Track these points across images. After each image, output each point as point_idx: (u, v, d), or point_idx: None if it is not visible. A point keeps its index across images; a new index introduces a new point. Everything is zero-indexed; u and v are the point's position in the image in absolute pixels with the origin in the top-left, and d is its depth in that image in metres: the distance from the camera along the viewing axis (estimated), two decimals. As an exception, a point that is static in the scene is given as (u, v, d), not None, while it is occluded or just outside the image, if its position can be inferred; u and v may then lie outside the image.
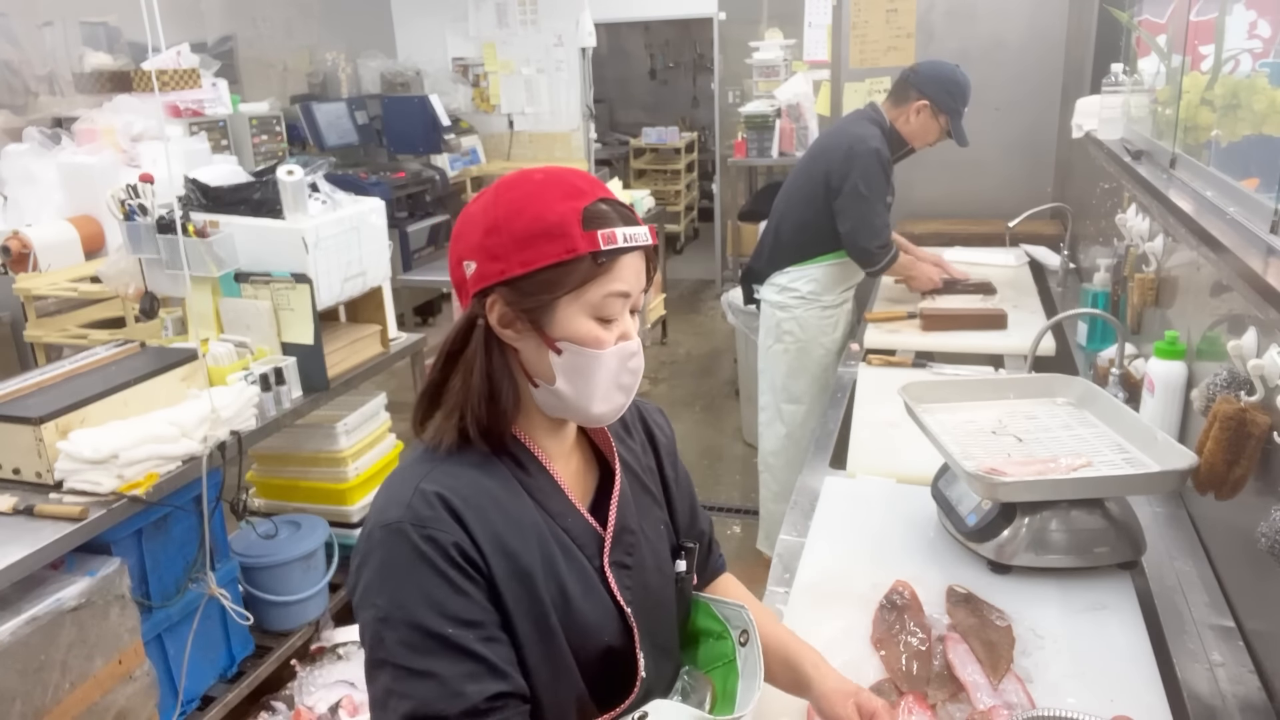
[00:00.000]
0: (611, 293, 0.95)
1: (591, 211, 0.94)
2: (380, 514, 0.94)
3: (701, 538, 1.23)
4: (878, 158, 2.80)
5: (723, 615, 1.16)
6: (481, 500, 0.95)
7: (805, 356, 3.04)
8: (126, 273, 2.64)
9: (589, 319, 0.95)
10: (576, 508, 1.03)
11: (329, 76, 6.22)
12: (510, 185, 0.97)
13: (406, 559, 0.90)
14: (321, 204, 2.69)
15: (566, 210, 0.93)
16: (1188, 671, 1.28)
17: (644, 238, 0.97)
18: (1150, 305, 2.14)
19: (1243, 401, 1.28)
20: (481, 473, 0.97)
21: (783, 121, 6.00)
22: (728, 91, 6.97)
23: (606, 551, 1.03)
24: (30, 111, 4.17)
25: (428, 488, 0.94)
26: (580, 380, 0.97)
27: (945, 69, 2.85)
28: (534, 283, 0.93)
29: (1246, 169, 1.69)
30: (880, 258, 2.87)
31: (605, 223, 0.93)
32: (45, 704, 1.82)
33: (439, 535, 0.90)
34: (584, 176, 0.98)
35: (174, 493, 2.16)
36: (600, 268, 0.93)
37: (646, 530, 1.10)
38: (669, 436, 1.22)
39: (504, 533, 0.94)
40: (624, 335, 0.98)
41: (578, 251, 0.92)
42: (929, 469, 1.73)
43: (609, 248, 0.93)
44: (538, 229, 0.92)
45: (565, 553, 0.99)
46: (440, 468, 0.97)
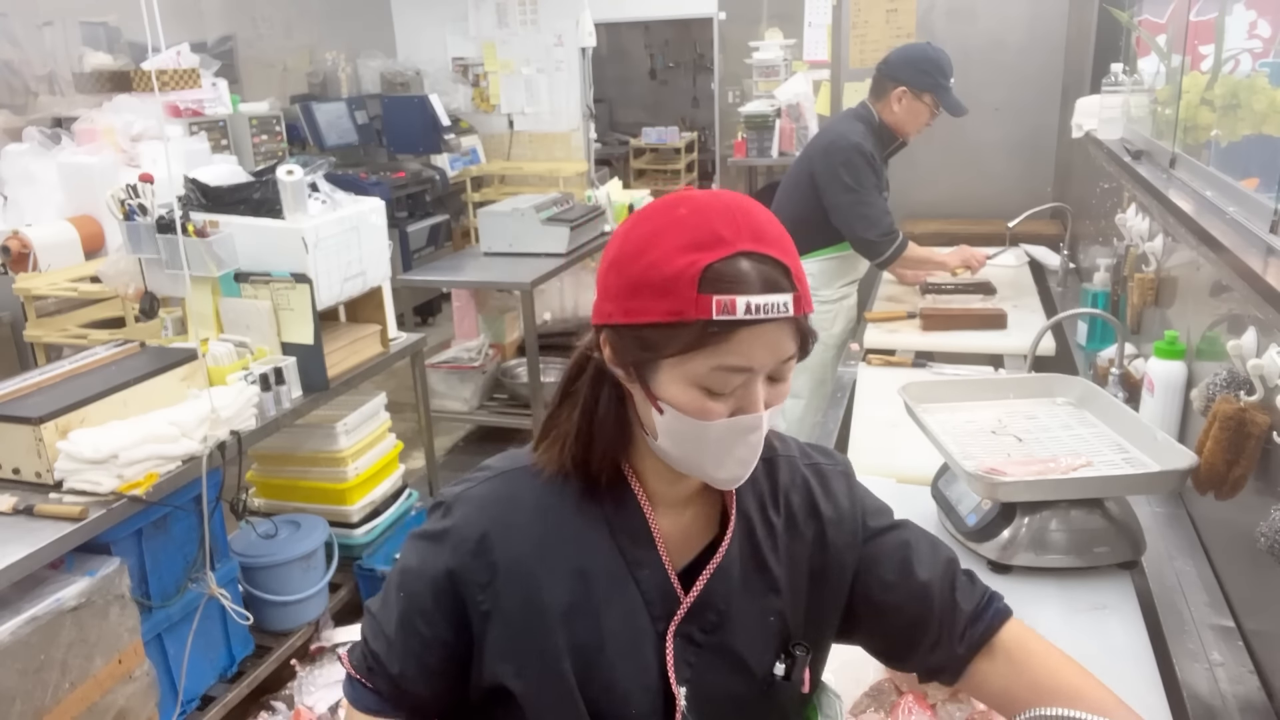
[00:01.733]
0: (723, 366, 0.81)
1: (716, 271, 0.79)
2: (456, 483, 0.97)
3: (927, 591, 0.98)
4: (859, 150, 2.81)
5: (816, 701, 1.02)
6: (532, 524, 0.91)
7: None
8: (126, 273, 2.64)
9: (694, 388, 0.83)
10: (662, 562, 0.92)
11: (329, 76, 6.22)
12: (648, 215, 0.86)
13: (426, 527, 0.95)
14: (321, 204, 2.69)
15: (686, 265, 0.79)
16: (1188, 671, 1.28)
17: (779, 309, 0.80)
18: (1150, 305, 2.14)
19: (1242, 401, 1.28)
20: (564, 495, 0.92)
21: (782, 121, 6.00)
22: (728, 91, 6.97)
23: (677, 618, 0.92)
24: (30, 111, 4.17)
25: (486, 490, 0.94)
26: (685, 444, 0.87)
27: (913, 49, 2.85)
28: (636, 337, 0.83)
29: (1246, 169, 1.69)
30: (884, 246, 2.86)
31: (729, 287, 0.78)
32: (45, 704, 1.82)
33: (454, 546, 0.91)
34: (736, 218, 0.82)
35: (174, 493, 2.16)
36: (712, 336, 0.79)
37: (745, 615, 0.94)
38: (842, 512, 1.00)
39: (538, 564, 0.90)
40: (742, 408, 0.84)
41: (683, 316, 0.79)
42: (929, 469, 1.73)
43: (723, 318, 0.78)
44: (649, 280, 0.81)
45: (624, 604, 0.91)
46: (521, 474, 0.95)
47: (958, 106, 2.82)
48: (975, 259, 3.10)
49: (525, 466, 0.95)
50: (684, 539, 0.95)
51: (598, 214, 5.07)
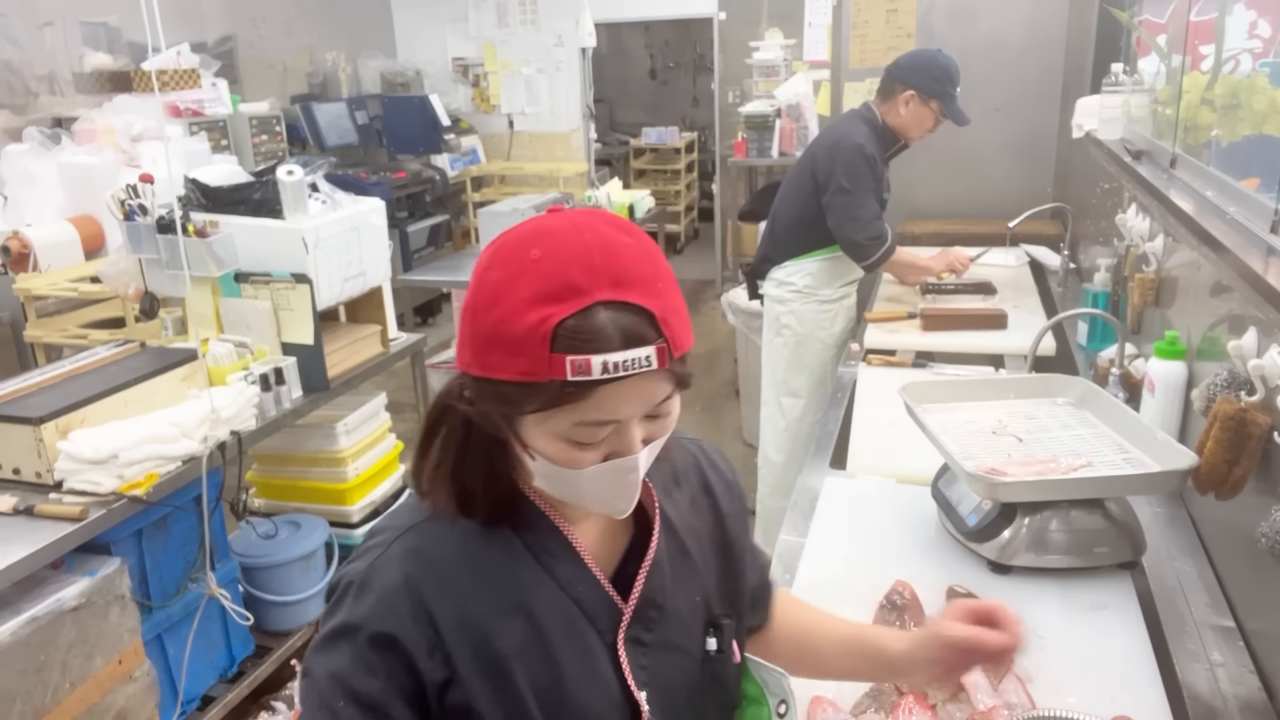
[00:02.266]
0: (586, 422, 0.78)
1: (568, 329, 0.73)
2: (351, 560, 0.88)
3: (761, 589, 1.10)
4: (860, 152, 2.82)
5: (761, 679, 1.05)
6: (460, 573, 0.85)
7: (803, 350, 3.06)
8: (126, 273, 2.64)
9: (561, 440, 0.79)
10: (593, 574, 0.90)
11: (329, 76, 6.23)
12: (503, 258, 0.79)
13: (344, 619, 0.83)
14: (321, 204, 2.69)
15: (536, 321, 0.74)
16: (1188, 671, 1.28)
17: (641, 364, 0.75)
18: (1150, 305, 2.14)
19: (1243, 401, 1.28)
20: (473, 534, 0.87)
21: (783, 121, 6.00)
22: (728, 91, 6.97)
23: (624, 626, 0.90)
24: (30, 111, 4.17)
25: (397, 548, 0.86)
26: (562, 487, 0.85)
27: (925, 55, 2.87)
28: (493, 391, 0.78)
29: (1247, 169, 1.69)
30: (871, 250, 2.87)
31: (583, 345, 0.73)
32: (45, 704, 1.82)
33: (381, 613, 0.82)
34: (594, 260, 0.76)
35: (174, 493, 2.16)
36: (570, 395, 0.75)
37: (678, 603, 0.95)
38: (729, 483, 1.05)
39: (481, 613, 0.84)
40: (616, 452, 0.81)
41: (536, 377, 0.74)
42: (929, 469, 1.73)
43: (579, 379, 0.74)
44: (500, 336, 0.76)
45: (569, 627, 0.87)
46: (425, 523, 0.88)
47: (962, 116, 2.85)
48: (960, 261, 3.10)
49: (424, 519, 0.88)
50: (606, 545, 0.93)
51: (598, 214, 5.07)
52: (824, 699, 1.23)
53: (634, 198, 5.55)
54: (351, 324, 2.98)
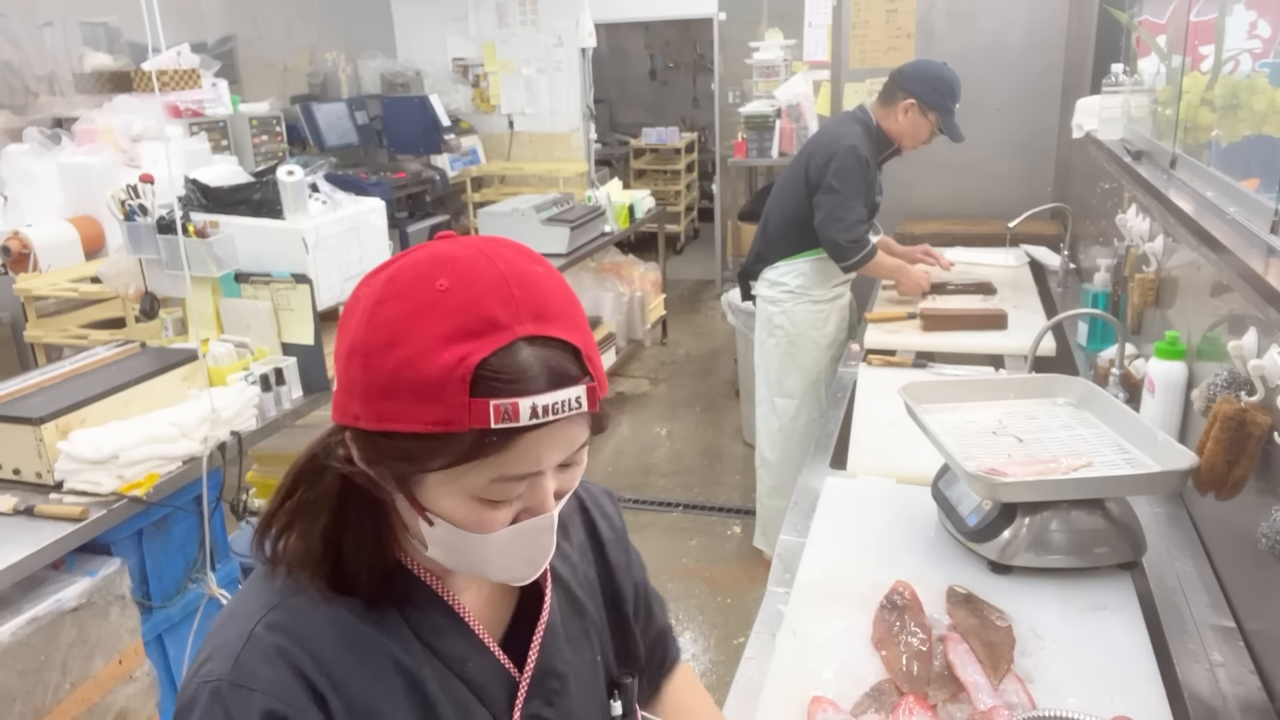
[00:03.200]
0: (504, 477, 0.68)
1: (490, 368, 0.64)
2: (200, 664, 0.72)
3: (662, 634, 1.03)
4: (854, 155, 2.83)
5: None
6: (338, 654, 0.73)
7: (797, 351, 3.07)
8: (126, 273, 2.64)
9: (471, 500, 0.69)
10: (484, 646, 0.79)
11: (329, 77, 6.22)
12: (400, 289, 0.68)
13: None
14: (321, 204, 2.69)
15: (453, 362, 0.64)
16: (1188, 672, 1.28)
17: (571, 405, 0.67)
18: (1150, 305, 2.14)
19: (1243, 402, 1.28)
20: (346, 611, 0.75)
21: (783, 121, 6.00)
22: (728, 91, 6.98)
23: (519, 703, 0.80)
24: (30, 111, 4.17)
25: (264, 634, 0.71)
26: (462, 556, 0.74)
27: (930, 66, 2.88)
28: (392, 447, 0.68)
29: (1247, 169, 1.69)
30: (851, 252, 2.88)
31: (508, 388, 0.64)
32: (45, 704, 1.82)
33: (270, 706, 0.68)
34: (511, 290, 0.67)
35: (174, 493, 2.16)
36: (490, 446, 0.65)
37: (578, 667, 0.86)
38: (617, 530, 0.97)
39: (368, 696, 0.73)
40: (530, 509, 0.72)
41: (453, 426, 0.64)
42: (929, 469, 1.73)
43: (503, 426, 0.65)
44: (405, 380, 0.65)
45: (459, 710, 0.77)
46: (288, 603, 0.74)
47: (957, 132, 2.87)
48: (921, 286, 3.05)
49: (287, 597, 0.75)
50: (492, 608, 0.83)
51: (598, 214, 5.08)
52: (824, 699, 1.23)
53: (634, 198, 5.55)
54: (352, 324, 2.98)
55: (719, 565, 3.46)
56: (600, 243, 5.12)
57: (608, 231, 5.20)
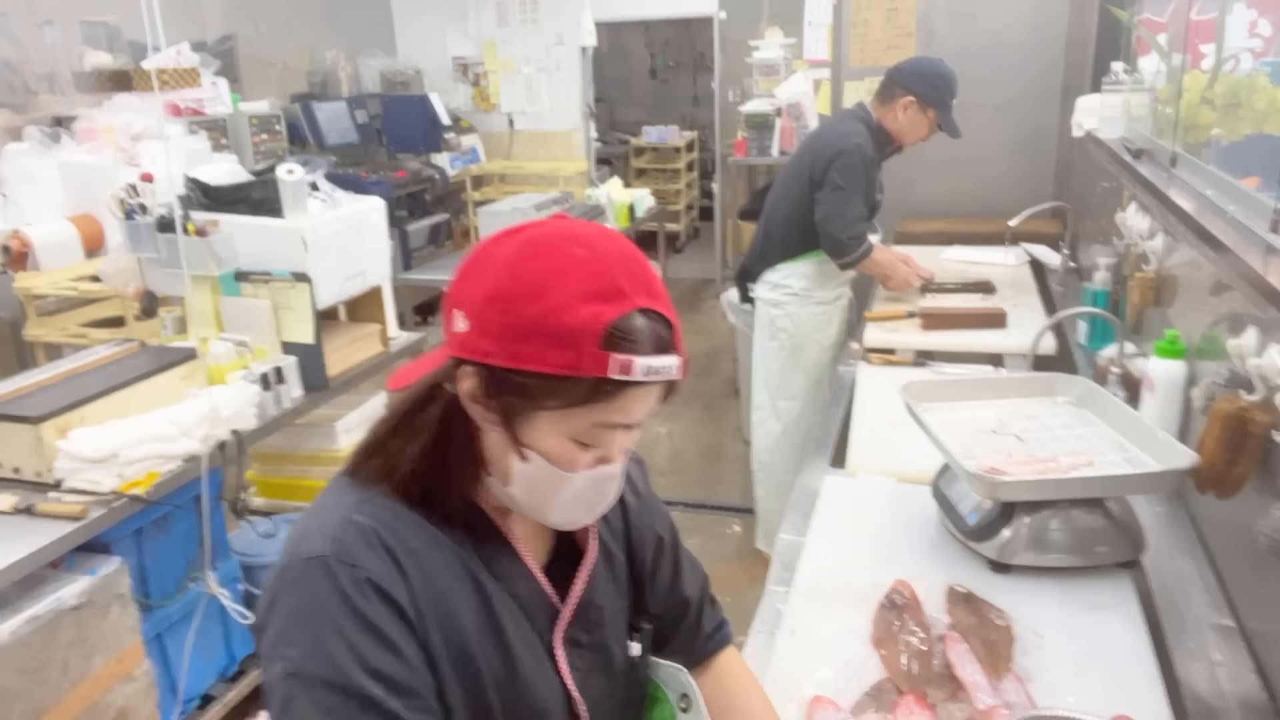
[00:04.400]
0: (605, 424, 0.79)
1: (619, 328, 0.75)
2: (299, 544, 0.80)
3: (685, 606, 1.07)
4: (860, 153, 2.83)
5: (658, 678, 1.02)
6: (422, 545, 0.82)
7: (799, 353, 3.05)
8: (126, 272, 2.64)
9: (568, 440, 0.80)
10: (531, 572, 0.89)
11: (329, 75, 6.22)
12: (541, 251, 0.78)
13: (329, 600, 0.75)
14: (321, 203, 2.69)
15: (589, 317, 0.74)
16: (1188, 671, 1.28)
17: (672, 371, 0.78)
18: (1150, 304, 2.14)
19: (1243, 400, 1.28)
20: (421, 515, 0.84)
21: (783, 120, 5.99)
22: (728, 90, 6.97)
23: (561, 626, 0.90)
24: (30, 110, 4.17)
25: (361, 520, 0.80)
26: (540, 493, 0.83)
27: (928, 63, 2.88)
28: (517, 383, 0.77)
29: (1247, 168, 1.69)
30: (850, 249, 2.87)
31: (629, 346, 0.75)
32: (45, 703, 1.82)
33: (371, 576, 0.77)
34: (633, 269, 0.78)
35: (174, 492, 2.16)
36: (602, 395, 0.76)
37: (609, 608, 0.95)
38: (644, 491, 1.05)
39: (443, 588, 0.81)
40: (605, 458, 0.83)
41: (579, 371, 0.75)
42: (929, 468, 1.72)
43: (621, 378, 0.75)
44: (545, 327, 0.75)
45: (514, 618, 0.86)
46: (376, 500, 0.83)
47: (955, 129, 2.87)
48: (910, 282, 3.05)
49: (370, 496, 0.84)
50: (537, 539, 0.92)
51: (598, 213, 5.08)
52: (824, 699, 1.23)
53: (634, 197, 5.55)
54: (351, 323, 2.98)
55: (718, 564, 3.46)
56: (600, 242, 5.12)
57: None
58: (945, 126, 2.86)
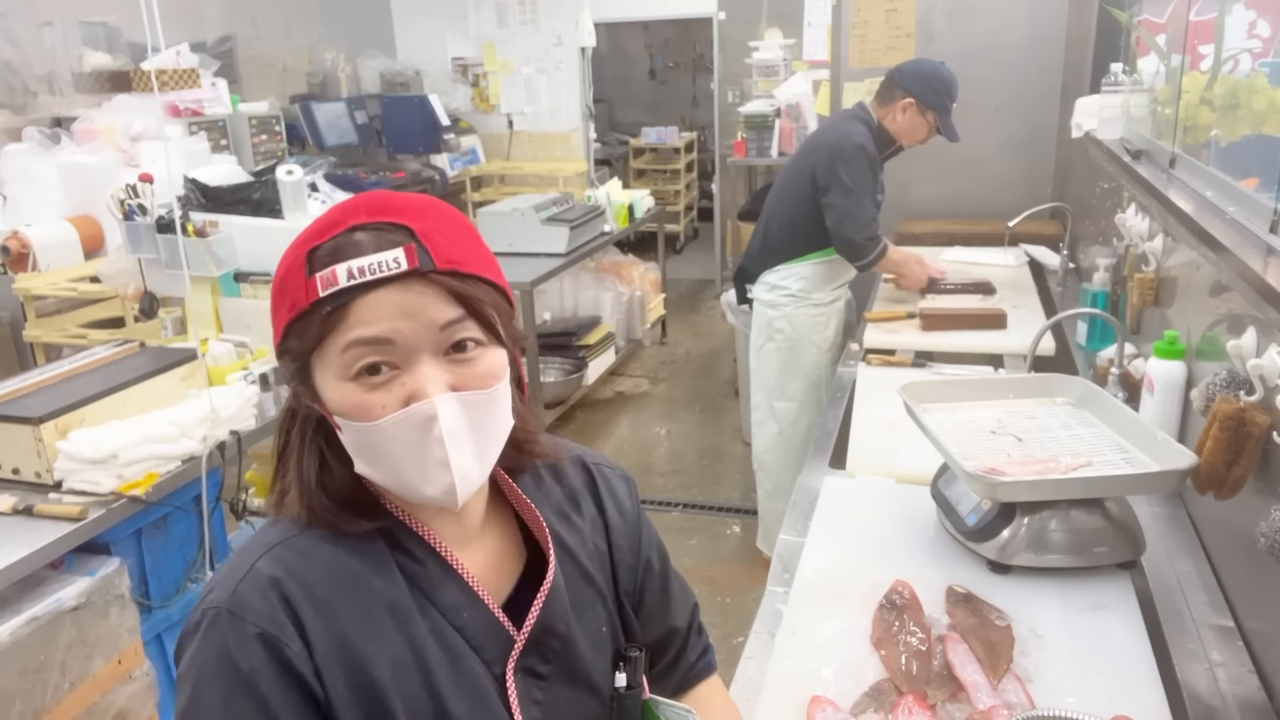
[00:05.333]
0: (350, 343, 0.73)
1: (321, 251, 0.74)
2: (207, 592, 0.79)
3: (671, 635, 1.02)
4: (863, 153, 2.82)
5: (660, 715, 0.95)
6: (332, 590, 0.77)
7: (797, 355, 3.05)
8: (126, 272, 2.64)
9: (344, 382, 0.75)
10: (479, 598, 0.82)
11: (329, 76, 6.22)
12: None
13: (212, 656, 0.74)
14: (321, 204, 2.69)
15: (296, 255, 0.75)
16: (1187, 671, 1.28)
17: (387, 266, 0.72)
18: (1150, 305, 2.14)
19: (1242, 401, 1.28)
20: (346, 551, 0.79)
21: (782, 121, 6.00)
22: (727, 91, 6.97)
23: (514, 655, 0.83)
24: (30, 111, 4.17)
25: (265, 568, 0.77)
26: (376, 460, 0.77)
27: (929, 66, 2.87)
28: (283, 350, 0.78)
29: (1246, 169, 1.69)
30: (868, 251, 2.87)
31: (331, 260, 0.73)
32: (45, 704, 1.82)
33: (260, 634, 0.74)
34: (362, 202, 0.77)
35: (174, 492, 2.16)
36: (331, 317, 0.73)
37: (582, 633, 0.88)
38: (629, 511, 0.99)
39: (354, 635, 0.76)
40: (412, 395, 0.74)
41: (299, 306, 0.74)
42: (929, 469, 1.73)
43: (329, 291, 0.72)
44: (275, 287, 0.78)
45: (451, 657, 0.80)
46: (291, 541, 0.80)
47: (954, 132, 2.87)
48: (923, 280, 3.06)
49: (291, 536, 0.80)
50: (495, 573, 0.87)
51: (597, 214, 5.08)
52: (823, 698, 1.23)
53: (633, 197, 5.55)
54: (351, 324, 2.98)
55: (718, 565, 3.46)
56: (600, 242, 5.12)
57: (607, 231, 5.20)
58: (944, 130, 2.86)
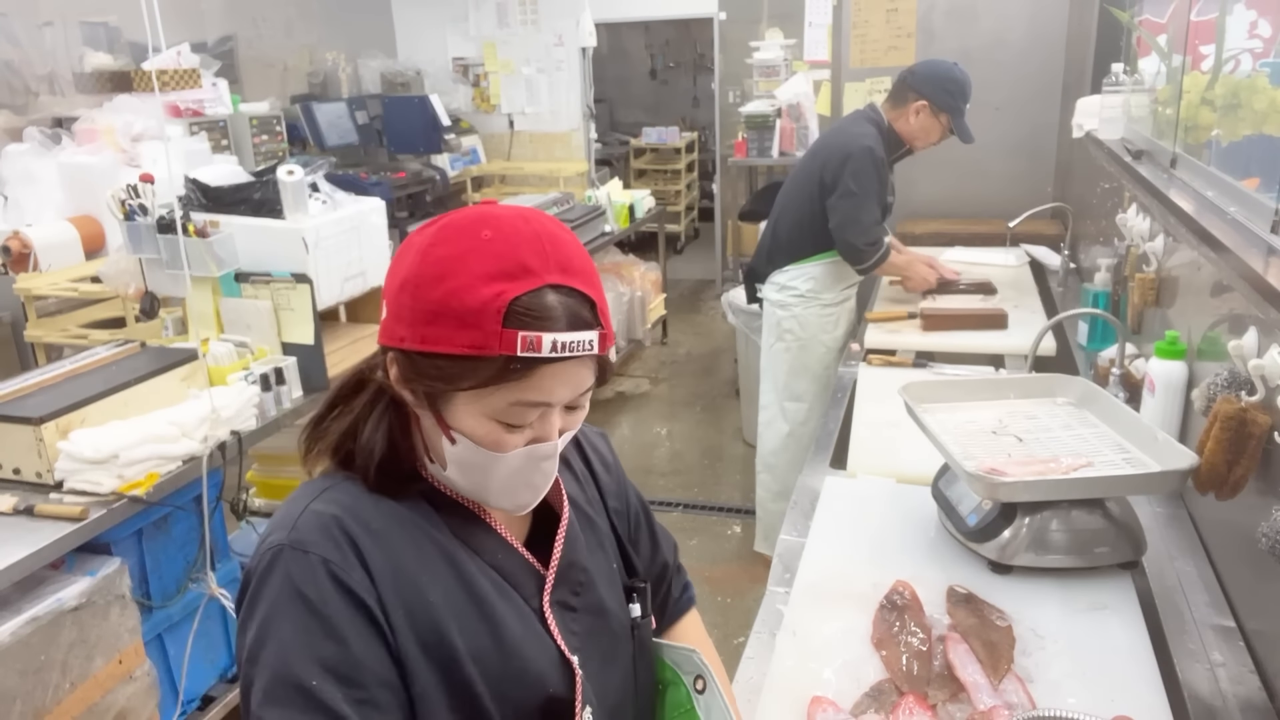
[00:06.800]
0: (522, 402, 0.79)
1: (522, 305, 0.75)
2: (264, 536, 0.83)
3: (665, 570, 1.12)
4: (870, 156, 2.81)
5: (672, 661, 1.03)
6: (386, 525, 0.83)
7: (806, 354, 3.05)
8: (127, 273, 2.64)
9: (490, 421, 0.80)
10: (508, 541, 0.89)
11: (329, 76, 6.22)
12: (449, 236, 0.79)
13: (281, 589, 0.78)
14: (322, 204, 2.69)
15: (491, 296, 0.75)
16: (1188, 671, 1.28)
17: (584, 347, 0.77)
18: (1151, 305, 2.14)
19: (1243, 401, 1.28)
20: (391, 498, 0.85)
21: (783, 121, 5.99)
22: (728, 91, 6.97)
23: (548, 590, 0.90)
24: (30, 111, 4.17)
25: (320, 507, 0.82)
26: (474, 475, 0.84)
27: (942, 67, 2.86)
28: (430, 366, 0.78)
29: (1247, 169, 1.69)
30: (868, 255, 2.87)
31: (535, 323, 0.75)
32: (45, 704, 1.82)
33: (324, 562, 0.78)
34: (544, 246, 0.78)
35: (174, 493, 2.16)
36: (514, 372, 0.76)
37: (597, 570, 0.96)
38: (612, 462, 1.08)
39: (410, 566, 0.82)
40: (538, 438, 0.82)
41: (485, 351, 0.75)
42: (929, 469, 1.73)
43: (527, 355, 0.75)
44: (449, 308, 0.76)
45: (498, 590, 0.86)
46: (339, 487, 0.85)
47: (968, 134, 2.85)
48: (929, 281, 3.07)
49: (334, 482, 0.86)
50: (512, 521, 0.93)
51: (598, 214, 5.08)
52: (823, 699, 1.23)
53: (634, 198, 5.55)
54: (352, 324, 2.99)
55: (719, 565, 3.46)
56: (600, 242, 5.12)
57: (608, 231, 5.20)
58: (958, 132, 2.84)
